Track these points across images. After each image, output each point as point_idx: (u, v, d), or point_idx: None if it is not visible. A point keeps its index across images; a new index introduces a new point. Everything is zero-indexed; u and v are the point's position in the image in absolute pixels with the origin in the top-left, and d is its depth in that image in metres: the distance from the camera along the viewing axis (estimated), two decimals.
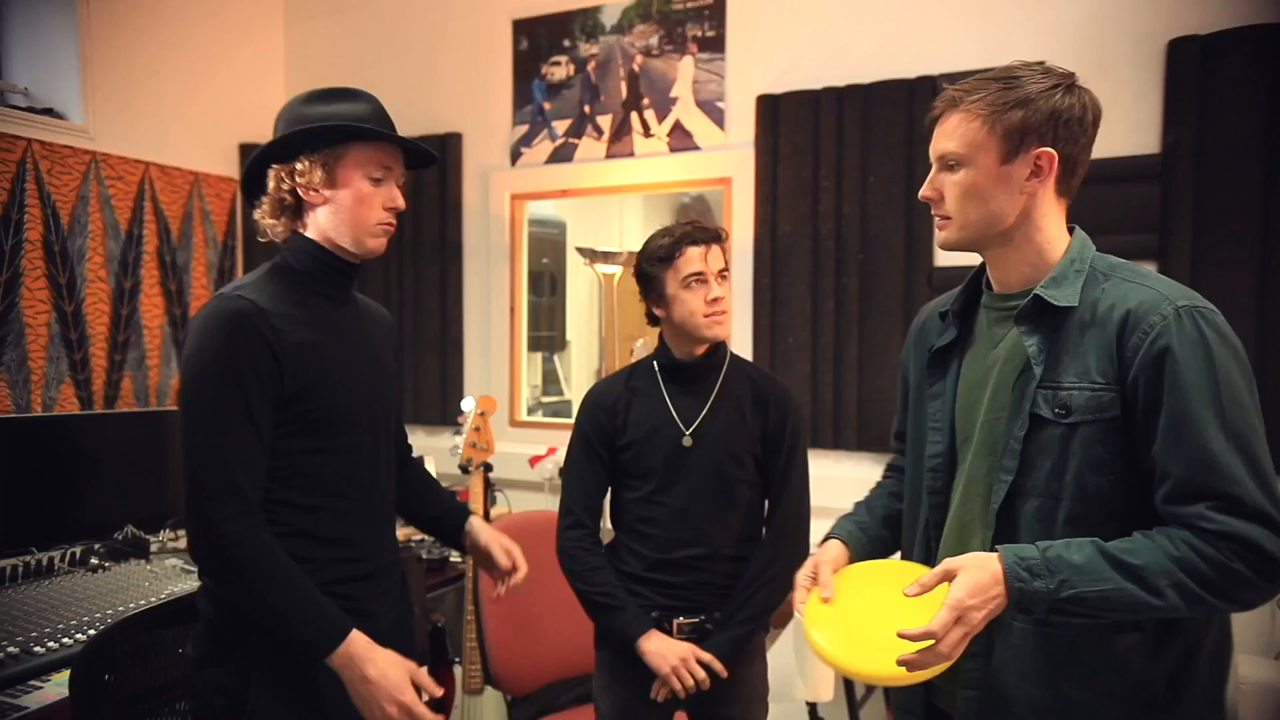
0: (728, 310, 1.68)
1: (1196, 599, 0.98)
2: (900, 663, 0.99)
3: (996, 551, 1.02)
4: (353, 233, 1.33)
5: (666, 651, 1.62)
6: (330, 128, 1.29)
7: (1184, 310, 1.03)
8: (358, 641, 1.23)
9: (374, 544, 1.38)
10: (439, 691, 1.28)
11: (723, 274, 1.68)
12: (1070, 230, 1.17)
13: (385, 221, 1.35)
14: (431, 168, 1.44)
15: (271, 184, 1.32)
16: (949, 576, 1.00)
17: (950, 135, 1.12)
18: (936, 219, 1.17)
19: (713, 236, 1.68)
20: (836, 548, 1.31)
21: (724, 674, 1.63)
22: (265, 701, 1.24)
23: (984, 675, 1.13)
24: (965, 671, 1.14)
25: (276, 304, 1.27)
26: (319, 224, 1.33)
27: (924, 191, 1.17)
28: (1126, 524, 1.04)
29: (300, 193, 1.31)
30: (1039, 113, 1.07)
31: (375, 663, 1.22)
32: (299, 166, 1.29)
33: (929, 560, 1.24)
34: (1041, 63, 1.12)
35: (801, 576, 1.26)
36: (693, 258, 1.66)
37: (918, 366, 1.31)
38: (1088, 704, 1.06)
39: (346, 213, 1.32)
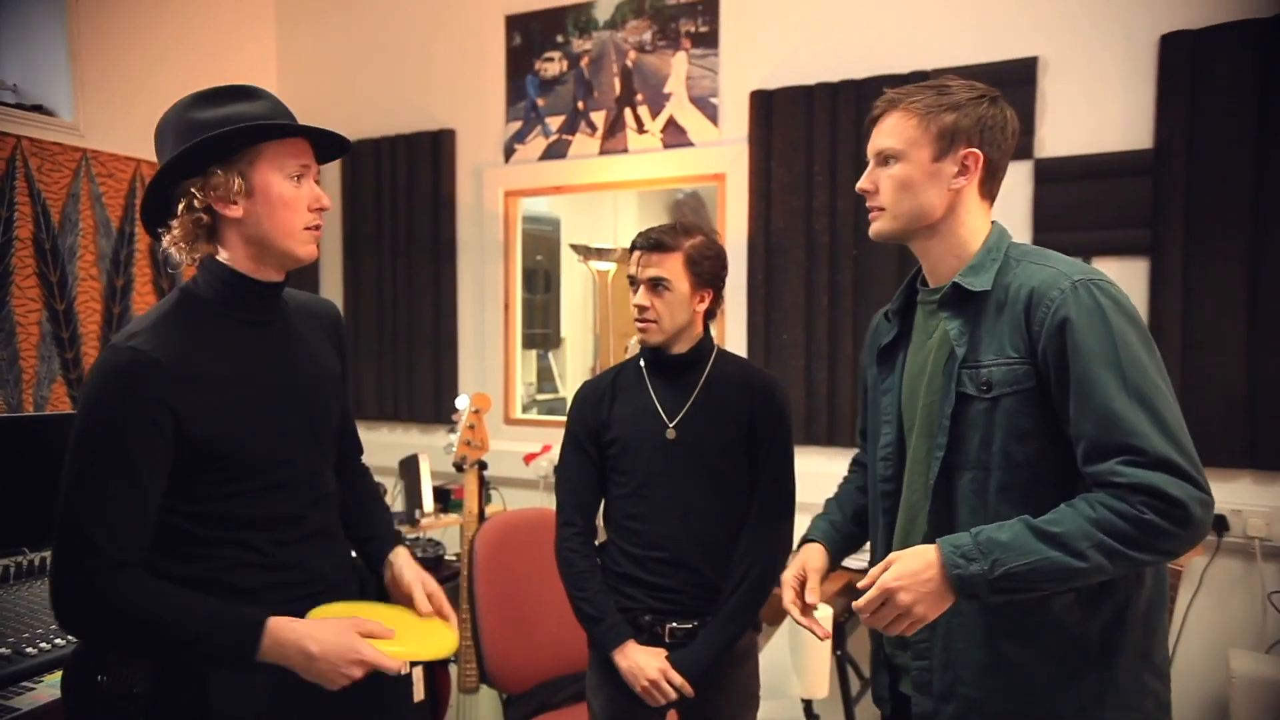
0: (657, 320, 1.67)
1: (1118, 555, 1.03)
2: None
3: (935, 543, 1.11)
4: (281, 242, 1.20)
5: (638, 671, 1.63)
6: (242, 129, 1.15)
7: (1079, 283, 1.12)
8: (280, 628, 1.13)
9: (321, 562, 1.30)
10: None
11: (655, 284, 1.66)
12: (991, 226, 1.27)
13: (313, 225, 1.23)
14: (345, 155, 1.32)
15: (182, 205, 1.17)
16: (887, 566, 1.11)
17: (889, 133, 1.22)
18: (871, 210, 1.26)
19: (651, 244, 1.67)
20: (819, 553, 1.42)
21: (691, 694, 1.63)
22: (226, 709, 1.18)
23: (931, 645, 1.22)
24: (915, 644, 1.24)
25: (179, 345, 1.15)
26: (239, 241, 1.20)
27: (861, 184, 1.26)
28: (1058, 491, 1.11)
29: (217, 208, 1.17)
30: (968, 117, 1.19)
31: (313, 638, 1.13)
32: (213, 180, 1.15)
33: (888, 548, 1.29)
34: (969, 80, 1.24)
35: (789, 578, 1.36)
36: (633, 261, 1.70)
37: (872, 367, 1.40)
38: (1028, 663, 1.15)
39: (270, 221, 1.19)
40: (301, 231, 1.22)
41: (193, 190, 1.16)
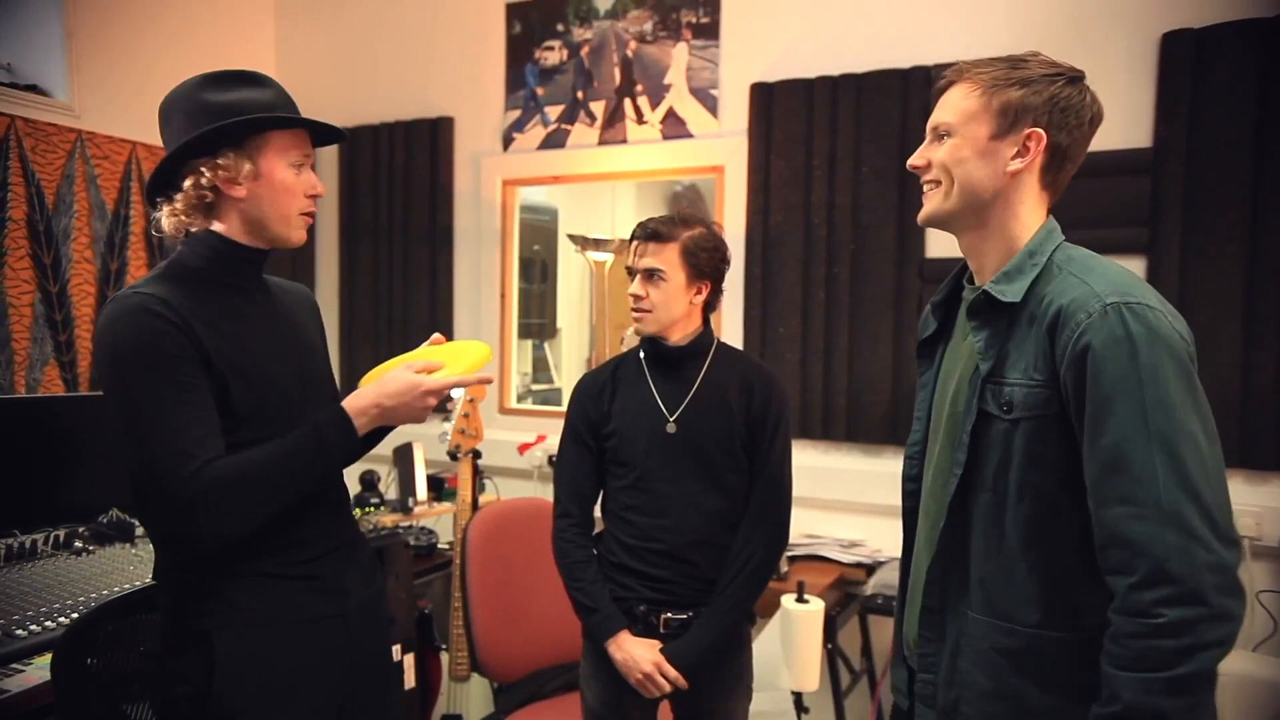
0: (651, 310, 1.68)
1: (1181, 681, 0.96)
2: None
3: None
4: (276, 225, 1.28)
5: (632, 663, 1.63)
6: (259, 119, 1.23)
7: (1111, 307, 0.99)
8: (355, 404, 1.26)
9: (330, 520, 1.37)
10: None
11: (651, 274, 1.67)
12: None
13: (308, 210, 1.32)
14: (340, 143, 1.41)
15: (189, 181, 1.23)
16: None
17: (949, 107, 1.12)
18: (925, 187, 1.16)
19: (648, 235, 1.69)
20: None
21: (686, 687, 1.64)
22: (230, 684, 1.22)
23: (938, 659, 1.17)
24: (922, 654, 1.19)
25: (178, 299, 1.21)
26: (237, 218, 1.27)
27: (912, 160, 1.17)
28: (1080, 534, 1.02)
29: (222, 188, 1.24)
30: (1038, 94, 1.07)
31: (381, 394, 1.27)
32: (222, 161, 1.22)
33: (912, 546, 1.26)
34: (1049, 58, 1.12)
35: None
36: (630, 251, 1.73)
37: (921, 359, 1.34)
38: (1031, 694, 1.08)
39: (271, 204, 1.26)
40: (296, 217, 1.31)
41: (202, 169, 1.22)
